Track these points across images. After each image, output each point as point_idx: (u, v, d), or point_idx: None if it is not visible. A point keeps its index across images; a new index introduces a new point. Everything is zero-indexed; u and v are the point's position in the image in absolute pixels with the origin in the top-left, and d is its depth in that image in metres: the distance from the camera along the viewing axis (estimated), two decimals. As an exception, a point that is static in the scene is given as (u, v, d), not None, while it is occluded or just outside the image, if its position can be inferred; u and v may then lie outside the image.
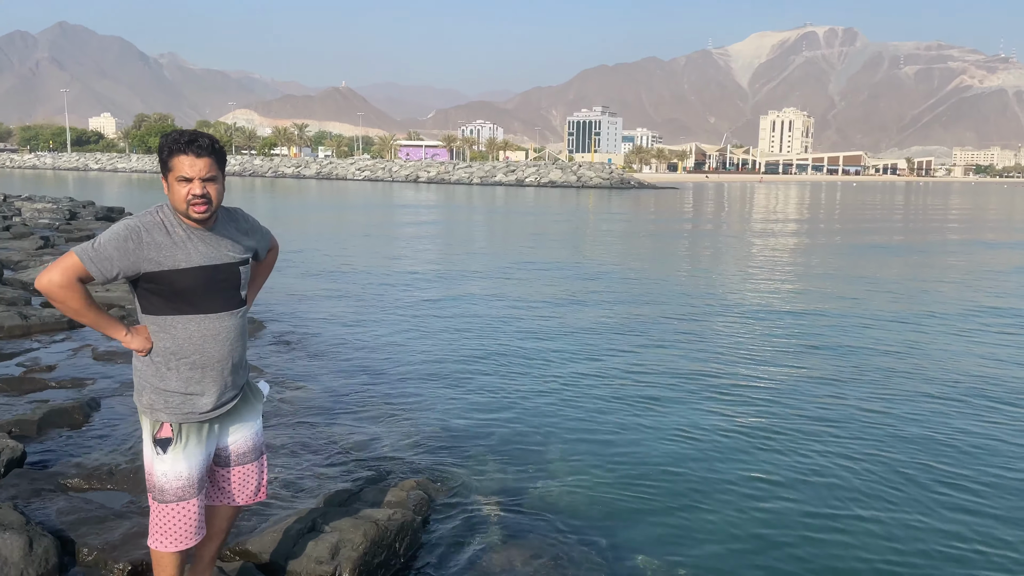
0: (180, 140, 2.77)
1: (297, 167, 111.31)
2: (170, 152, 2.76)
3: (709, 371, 8.18)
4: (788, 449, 5.93)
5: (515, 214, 38.70)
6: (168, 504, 2.88)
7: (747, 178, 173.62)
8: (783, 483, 5.30)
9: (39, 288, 2.69)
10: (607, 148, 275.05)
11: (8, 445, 4.69)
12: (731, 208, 48.21)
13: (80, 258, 2.66)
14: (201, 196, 2.77)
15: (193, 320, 2.83)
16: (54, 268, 2.67)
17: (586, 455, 5.69)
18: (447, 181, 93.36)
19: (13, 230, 18.17)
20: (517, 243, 23.07)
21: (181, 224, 2.81)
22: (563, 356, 8.71)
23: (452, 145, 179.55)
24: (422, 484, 4.68)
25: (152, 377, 2.85)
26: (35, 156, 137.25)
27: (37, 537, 3.60)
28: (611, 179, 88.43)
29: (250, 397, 3.15)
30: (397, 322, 10.46)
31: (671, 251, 21.94)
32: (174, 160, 2.76)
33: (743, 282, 15.23)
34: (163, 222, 2.79)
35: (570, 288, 13.85)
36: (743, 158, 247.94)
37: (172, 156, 2.76)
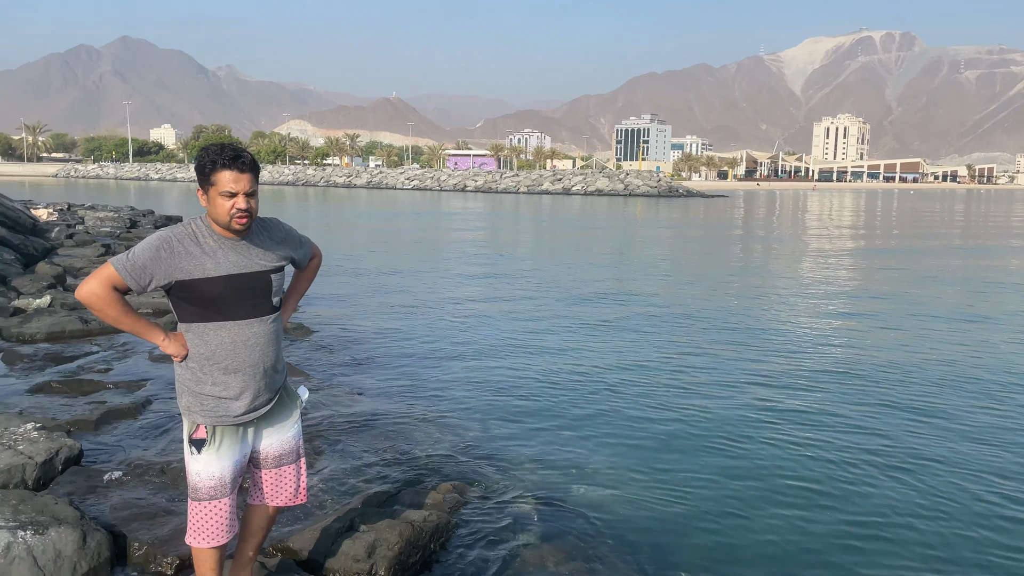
0: (224, 156, 2.87)
1: (348, 177, 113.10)
2: (214, 167, 2.87)
3: (758, 380, 8.11)
4: (840, 460, 5.85)
5: (560, 223, 38.73)
6: (201, 502, 3.02)
7: (800, 186, 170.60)
8: (833, 496, 5.22)
9: (79, 298, 2.83)
10: (656, 156, 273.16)
11: (66, 444, 4.92)
12: (783, 216, 47.47)
13: (116, 269, 2.81)
14: (245, 210, 2.90)
15: (224, 327, 2.95)
16: (92, 279, 2.82)
17: (628, 462, 5.71)
18: (494, 190, 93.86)
19: (76, 238, 18.88)
20: (562, 252, 23.12)
21: (212, 234, 2.94)
22: (607, 363, 8.73)
23: (499, 154, 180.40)
24: (458, 487, 4.77)
25: (189, 380, 2.99)
26: (98, 166, 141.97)
27: (90, 532, 3.79)
28: (659, 187, 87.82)
29: (287, 401, 3.26)
30: (440, 329, 10.60)
31: (719, 260, 21.73)
32: (218, 175, 2.86)
33: (795, 291, 15.02)
34: (194, 232, 2.92)
35: (616, 297, 13.84)
36: (796, 165, 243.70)
37: (216, 171, 2.86)
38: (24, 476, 4.59)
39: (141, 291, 2.87)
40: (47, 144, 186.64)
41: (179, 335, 3.00)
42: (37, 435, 5.02)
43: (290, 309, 3.32)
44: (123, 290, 2.85)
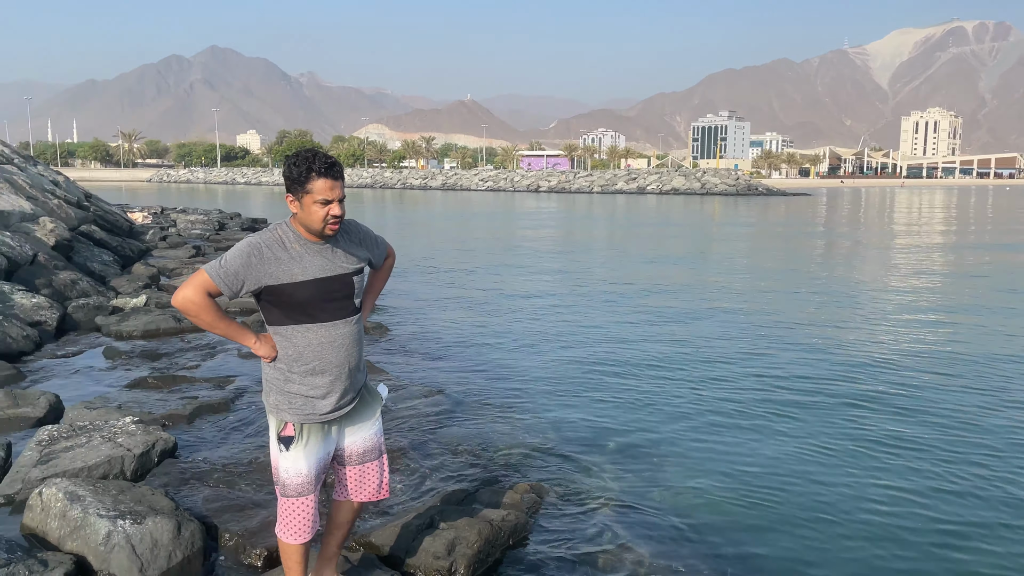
0: (320, 163, 2.93)
1: (424, 179, 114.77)
2: (309, 174, 2.92)
3: (845, 379, 7.86)
4: (936, 462, 5.61)
5: (635, 222, 38.35)
6: (289, 498, 3.12)
7: (887, 182, 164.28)
8: (924, 501, 5.03)
9: (175, 305, 2.94)
10: (734, 154, 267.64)
11: (162, 437, 5.15)
12: (869, 215, 45.81)
13: (210, 275, 2.90)
14: (339, 217, 2.98)
15: (311, 329, 3.03)
16: (187, 286, 2.91)
17: (708, 465, 5.61)
18: (568, 190, 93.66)
19: (169, 240, 19.75)
20: (637, 250, 22.89)
21: (299, 239, 3.01)
22: (686, 364, 8.60)
23: (573, 154, 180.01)
24: (536, 488, 4.79)
25: (277, 380, 3.09)
26: (189, 171, 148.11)
27: (185, 522, 3.95)
28: (737, 185, 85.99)
29: (368, 399, 3.34)
30: (516, 329, 10.64)
31: (802, 259, 21.13)
32: (314, 183, 2.92)
33: (882, 291, 14.49)
34: (281, 238, 2.99)
35: (693, 296, 13.63)
36: (882, 162, 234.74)
37: (312, 179, 2.92)
38: (123, 467, 4.83)
39: (233, 296, 2.97)
40: (141, 150, 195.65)
41: (268, 337, 3.10)
42: (135, 428, 5.27)
43: (368, 309, 3.38)
44: (216, 295, 2.94)
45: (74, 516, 3.93)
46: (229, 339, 3.08)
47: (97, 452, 4.91)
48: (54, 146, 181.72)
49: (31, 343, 8.48)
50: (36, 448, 4.99)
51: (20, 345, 8.29)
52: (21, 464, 4.81)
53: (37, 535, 4.01)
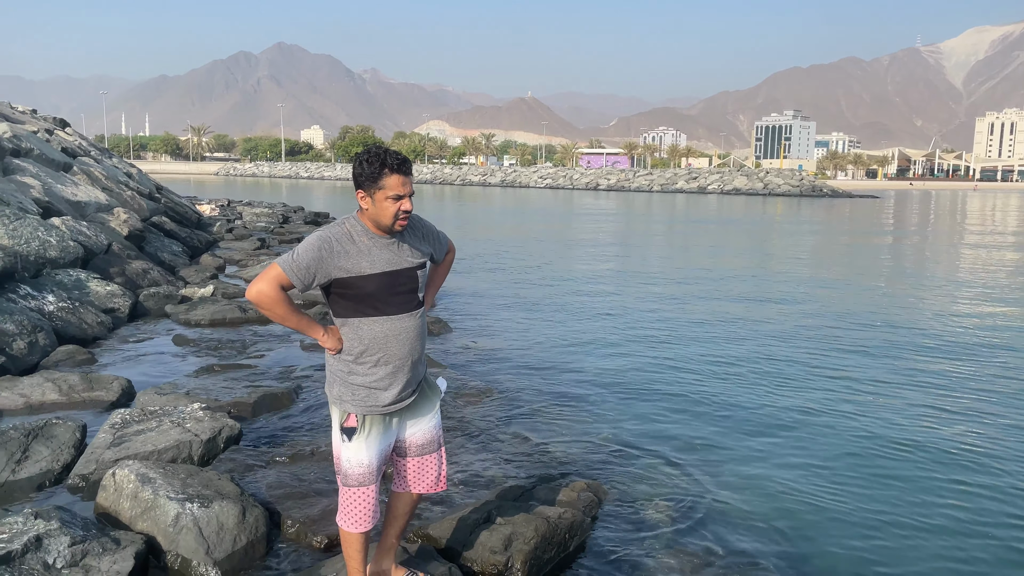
0: (392, 160, 3.00)
1: (483, 175, 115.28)
2: (382, 170, 2.98)
3: (913, 374, 7.62)
4: (1013, 464, 5.41)
5: (695, 222, 37.84)
6: (351, 488, 3.17)
7: (959, 185, 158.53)
8: (1003, 503, 4.86)
9: (249, 298, 3.00)
10: (798, 154, 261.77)
11: (227, 424, 5.30)
12: (940, 219, 44.28)
13: (283, 268, 2.95)
14: (408, 212, 3.05)
15: (377, 321, 3.09)
16: (261, 279, 2.97)
17: (769, 467, 5.50)
18: (627, 188, 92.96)
19: (235, 232, 20.30)
20: (697, 250, 22.58)
21: (367, 233, 3.07)
22: (746, 364, 8.44)
23: (633, 152, 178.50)
24: (592, 486, 4.77)
25: (341, 371, 3.14)
26: (254, 165, 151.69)
27: (249, 507, 4.06)
28: (801, 186, 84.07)
29: (428, 392, 3.38)
30: (574, 326, 10.61)
31: (869, 262, 20.54)
32: (387, 179, 2.98)
33: (959, 296, 13.99)
34: (350, 232, 3.05)
35: (756, 295, 13.38)
36: (954, 164, 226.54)
37: (385, 175, 2.98)
38: (191, 452, 4.98)
39: (304, 289, 3.03)
40: (210, 144, 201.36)
41: (335, 329, 3.16)
42: (202, 415, 5.44)
43: (428, 302, 3.43)
44: (288, 288, 3.00)
45: (145, 497, 4.07)
46: (299, 332, 3.14)
47: (167, 436, 5.08)
48: (127, 139, 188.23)
49: (105, 329, 8.82)
50: (109, 431, 5.19)
51: (95, 331, 8.63)
52: (95, 446, 5.01)
53: (110, 514, 4.16)
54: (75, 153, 17.73)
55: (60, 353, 7.54)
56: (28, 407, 6.02)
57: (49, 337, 7.74)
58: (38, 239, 9.60)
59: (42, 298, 8.53)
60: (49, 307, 8.45)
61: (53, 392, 6.24)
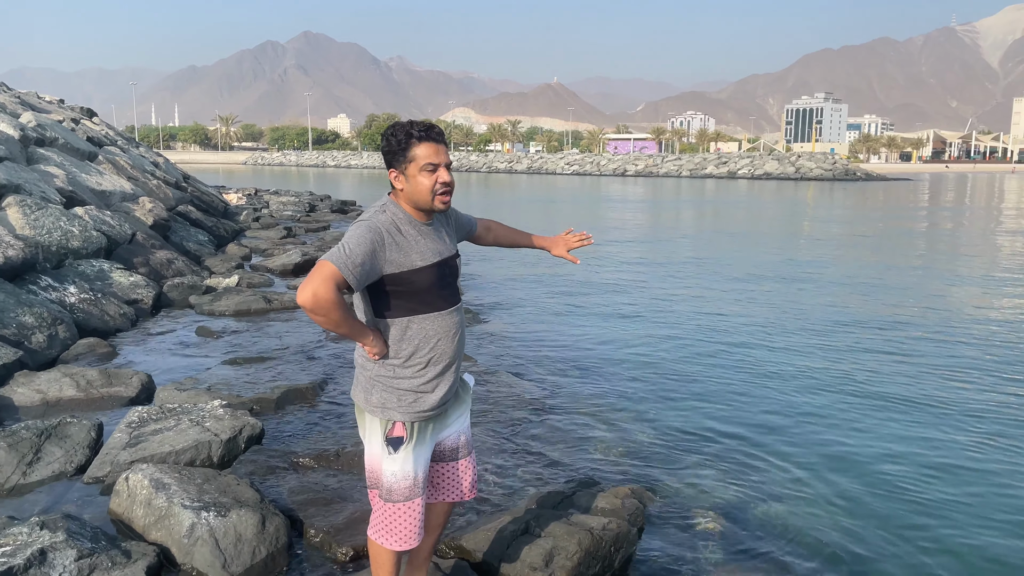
0: (418, 128, 2.70)
1: (509, 162, 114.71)
2: (408, 140, 2.68)
3: (969, 389, 7.17)
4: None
5: (725, 207, 37.11)
6: (396, 503, 2.83)
7: (997, 168, 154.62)
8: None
9: (303, 303, 2.53)
10: (830, 137, 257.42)
11: (249, 423, 5.02)
12: (976, 202, 43.02)
13: (337, 266, 2.53)
14: (448, 184, 2.72)
15: (428, 319, 2.77)
16: (315, 280, 2.52)
17: (823, 472, 5.12)
18: (655, 174, 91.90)
19: (262, 221, 20.13)
20: (727, 241, 22.02)
21: (410, 220, 2.74)
22: (795, 362, 7.99)
23: (661, 137, 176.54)
24: (637, 492, 4.42)
25: (385, 376, 2.79)
26: (282, 154, 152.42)
27: (269, 515, 3.77)
28: (833, 170, 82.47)
29: (460, 392, 3.07)
30: (608, 320, 10.24)
31: (913, 249, 19.88)
32: (417, 149, 2.68)
33: (998, 289, 13.40)
34: (394, 220, 2.72)
35: (794, 289, 12.89)
36: (991, 146, 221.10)
37: (413, 145, 2.68)
38: (210, 452, 4.72)
39: (359, 288, 2.66)
40: (238, 134, 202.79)
41: (379, 333, 2.80)
42: (223, 412, 5.17)
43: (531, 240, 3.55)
44: (343, 289, 2.60)
45: (159, 505, 3.81)
46: (350, 338, 2.74)
47: (185, 436, 4.82)
48: (157, 129, 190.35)
49: (127, 321, 8.62)
50: (126, 430, 4.94)
51: (117, 323, 8.43)
52: (111, 446, 4.77)
53: (123, 521, 3.91)
54: (101, 142, 17.65)
55: (81, 346, 7.34)
56: (45, 404, 5.81)
57: (70, 330, 7.54)
58: (60, 229, 9.43)
59: (63, 289, 8.34)
60: (71, 299, 8.26)
61: (71, 388, 6.02)
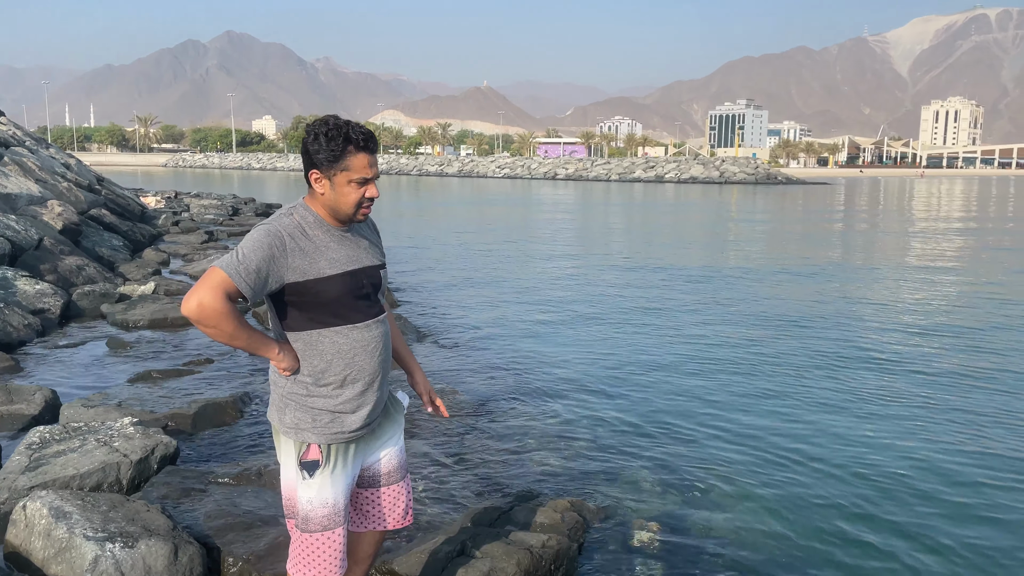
0: (357, 134, 2.44)
1: (440, 165, 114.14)
2: (346, 147, 2.42)
3: (889, 392, 7.32)
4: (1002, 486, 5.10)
5: (654, 210, 37.66)
6: (312, 534, 2.59)
7: (906, 172, 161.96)
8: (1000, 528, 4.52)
9: (187, 314, 2.32)
10: (751, 143, 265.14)
11: (162, 441, 4.68)
12: (889, 204, 44.83)
13: (229, 274, 2.31)
14: (373, 200, 2.51)
15: (341, 332, 2.53)
16: (201, 289, 2.31)
17: (756, 479, 5.08)
18: (585, 178, 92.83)
19: (182, 225, 19.36)
20: (658, 241, 22.28)
21: (321, 224, 2.50)
22: (727, 365, 8.01)
23: (590, 142, 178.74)
24: (576, 505, 4.28)
25: (298, 395, 2.56)
26: (204, 156, 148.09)
27: (183, 545, 3.49)
28: (756, 174, 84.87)
29: (392, 411, 2.85)
30: (541, 321, 10.13)
31: (834, 250, 20.47)
32: (352, 159, 2.42)
33: (902, 281, 13.88)
34: (301, 224, 2.48)
35: (724, 290, 13.05)
36: (902, 151, 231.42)
37: (349, 154, 2.42)
38: (118, 475, 4.38)
39: (255, 298, 2.40)
40: (157, 135, 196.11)
41: (288, 346, 2.56)
42: (134, 431, 4.82)
43: None
44: (236, 298, 2.37)
45: (59, 536, 3.48)
46: (249, 352, 2.50)
47: (91, 458, 4.46)
48: (71, 130, 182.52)
49: (32, 332, 8.07)
50: (25, 452, 4.55)
51: (21, 334, 7.88)
52: (8, 470, 4.37)
53: (21, 554, 3.57)
54: (7, 143, 16.68)
55: (-22, 361, 6.81)
56: (-66, 426, 5.33)
57: (-34, 343, 7.00)
58: (-44, 235, 8.78)
59: (-41, 300, 7.75)
60: (-33, 309, 7.68)
61: (-36, 407, 5.55)
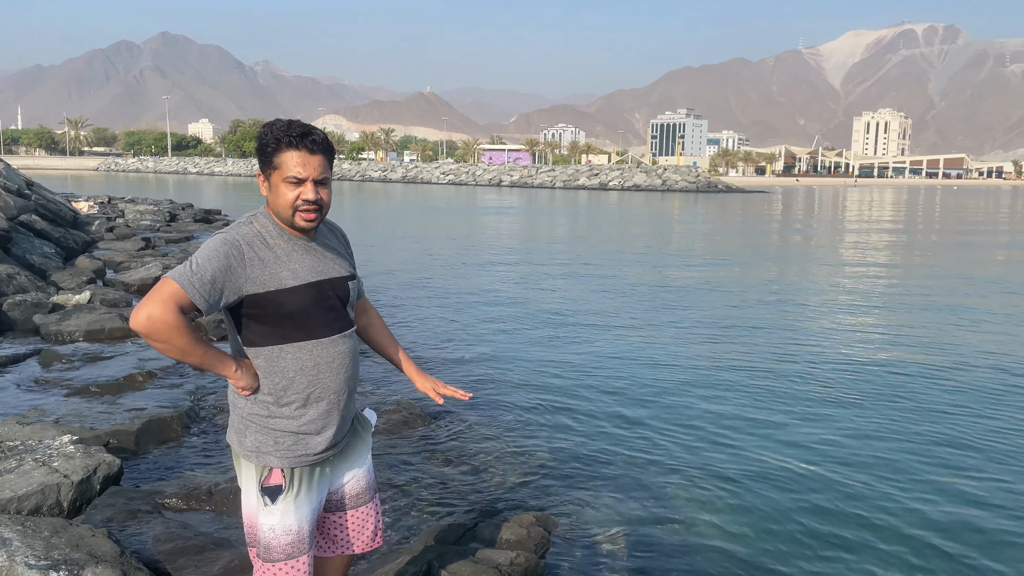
0: (291, 132, 2.32)
1: (384, 171, 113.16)
2: (278, 146, 2.32)
3: (849, 401, 7.45)
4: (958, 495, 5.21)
5: (600, 217, 37.99)
6: (275, 563, 2.43)
7: (839, 182, 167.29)
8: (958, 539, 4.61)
9: (137, 328, 2.18)
10: (692, 151, 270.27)
11: (105, 460, 4.45)
12: (823, 212, 46.16)
13: (181, 284, 2.18)
14: (313, 202, 2.34)
15: (304, 347, 2.39)
16: (151, 302, 2.17)
17: (718, 488, 5.08)
18: (530, 185, 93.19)
19: (117, 231, 18.71)
20: (612, 249, 22.44)
21: (283, 234, 2.38)
22: (687, 373, 8.05)
23: (535, 149, 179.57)
24: (541, 519, 4.21)
25: (258, 416, 2.41)
26: (138, 160, 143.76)
27: (132, 572, 3.30)
28: (697, 183, 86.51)
29: (359, 430, 2.72)
30: (499, 334, 10.03)
31: (781, 257, 20.91)
32: (282, 156, 2.32)
33: (838, 286, 14.26)
34: (261, 233, 2.35)
35: (681, 298, 13.18)
36: (835, 161, 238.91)
37: (280, 151, 2.32)
38: (59, 497, 4.14)
39: (210, 311, 2.27)
40: (88, 138, 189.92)
41: (248, 363, 2.41)
42: (74, 449, 4.57)
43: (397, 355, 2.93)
44: (189, 311, 2.24)
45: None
46: (204, 369, 2.35)
47: (28, 479, 4.20)
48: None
49: (-41, 345, 7.63)
50: (-45, 475, 4.26)
51: (-54, 347, 7.45)
52: (-64, 495, 4.09)
53: (-49, 586, 3.32)
54: (-72, 144, 15.85)
55: (-101, 376, 6.40)
56: None
57: None
58: None
59: None
60: None
61: None
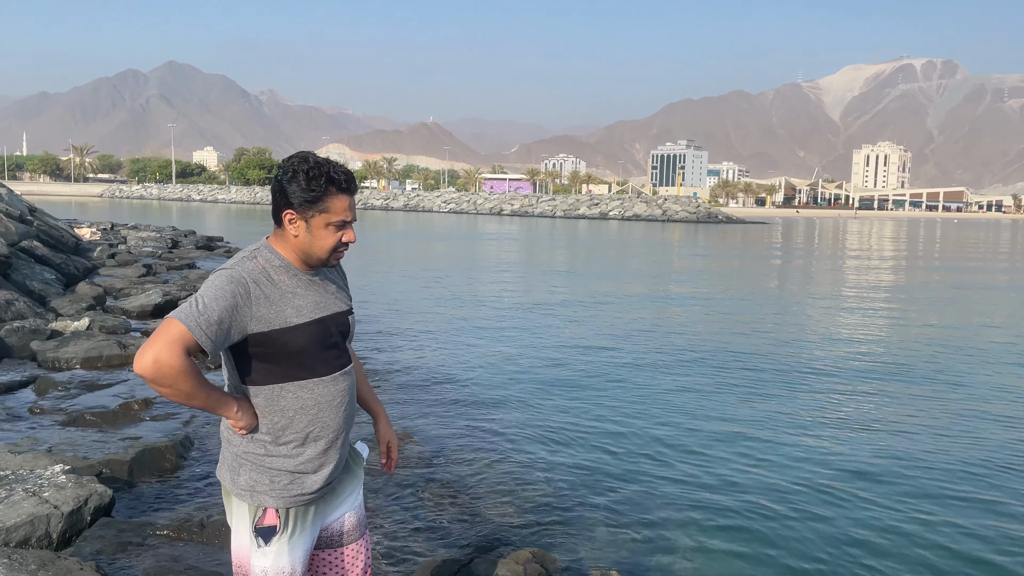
0: (339, 175, 2.26)
1: (386, 199, 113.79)
2: (328, 188, 2.23)
3: (857, 424, 7.39)
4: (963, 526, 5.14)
5: (600, 247, 38.06)
6: None
7: (840, 213, 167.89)
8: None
9: (141, 373, 2.07)
10: (692, 182, 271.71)
11: (96, 491, 4.40)
12: (824, 243, 46.24)
13: (187, 326, 2.08)
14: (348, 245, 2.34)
15: (306, 386, 2.33)
16: (158, 343, 2.07)
17: (714, 520, 5.04)
18: (530, 214, 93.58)
19: (118, 258, 18.72)
20: (611, 278, 22.45)
21: (287, 268, 2.30)
22: (684, 405, 8.01)
23: (535, 178, 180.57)
24: (538, 556, 4.14)
25: (254, 454, 2.35)
26: (142, 187, 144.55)
27: (120, 607, 3.24)
28: (697, 213, 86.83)
29: (351, 464, 2.65)
30: (495, 363, 9.99)
31: (770, 284, 20.90)
32: (333, 201, 2.24)
33: (848, 312, 14.22)
34: (265, 268, 2.27)
35: (681, 329, 13.15)
36: (835, 193, 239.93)
37: (331, 195, 2.24)
38: (48, 529, 4.09)
39: (215, 352, 2.18)
40: (93, 165, 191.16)
41: (248, 403, 2.34)
42: (65, 479, 4.52)
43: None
44: (195, 352, 2.15)
45: (-20, 600, 3.20)
46: (207, 411, 2.26)
47: (18, 510, 4.15)
48: (1, 158, 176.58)
49: (-45, 372, 7.60)
50: (-56, 505, 4.21)
51: (-59, 374, 7.41)
52: (-76, 525, 4.03)
53: (-65, 620, 3.26)
54: (-68, 170, 15.93)
55: None
56: None
57: None
58: None
59: None
60: None
61: None
